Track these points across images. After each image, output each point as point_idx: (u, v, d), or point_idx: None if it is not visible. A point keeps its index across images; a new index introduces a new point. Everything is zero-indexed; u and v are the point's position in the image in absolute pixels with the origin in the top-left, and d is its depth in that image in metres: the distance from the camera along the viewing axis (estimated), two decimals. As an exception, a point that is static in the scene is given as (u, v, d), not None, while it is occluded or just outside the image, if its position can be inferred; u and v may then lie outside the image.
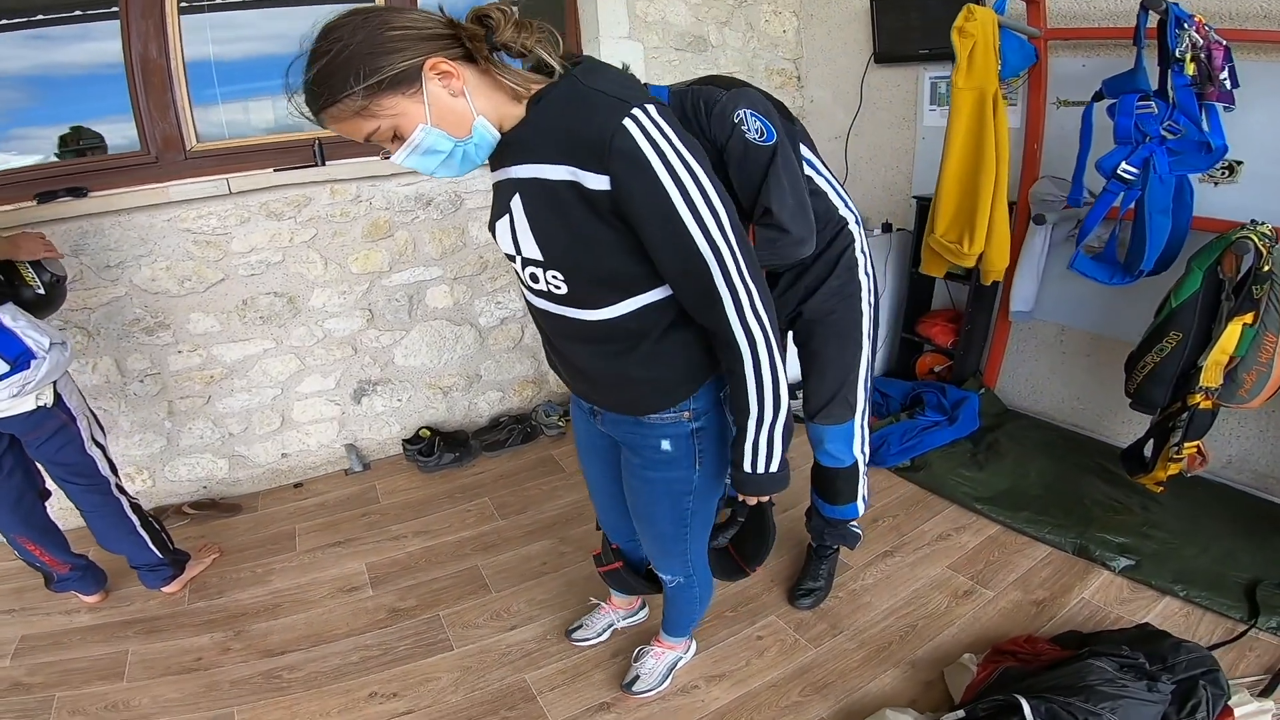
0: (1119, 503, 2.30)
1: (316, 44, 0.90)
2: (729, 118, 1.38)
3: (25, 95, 2.42)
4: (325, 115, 0.92)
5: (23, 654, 1.95)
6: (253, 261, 2.52)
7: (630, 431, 1.26)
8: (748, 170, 1.40)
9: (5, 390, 1.71)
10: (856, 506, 1.90)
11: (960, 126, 2.40)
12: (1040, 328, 2.86)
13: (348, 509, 2.60)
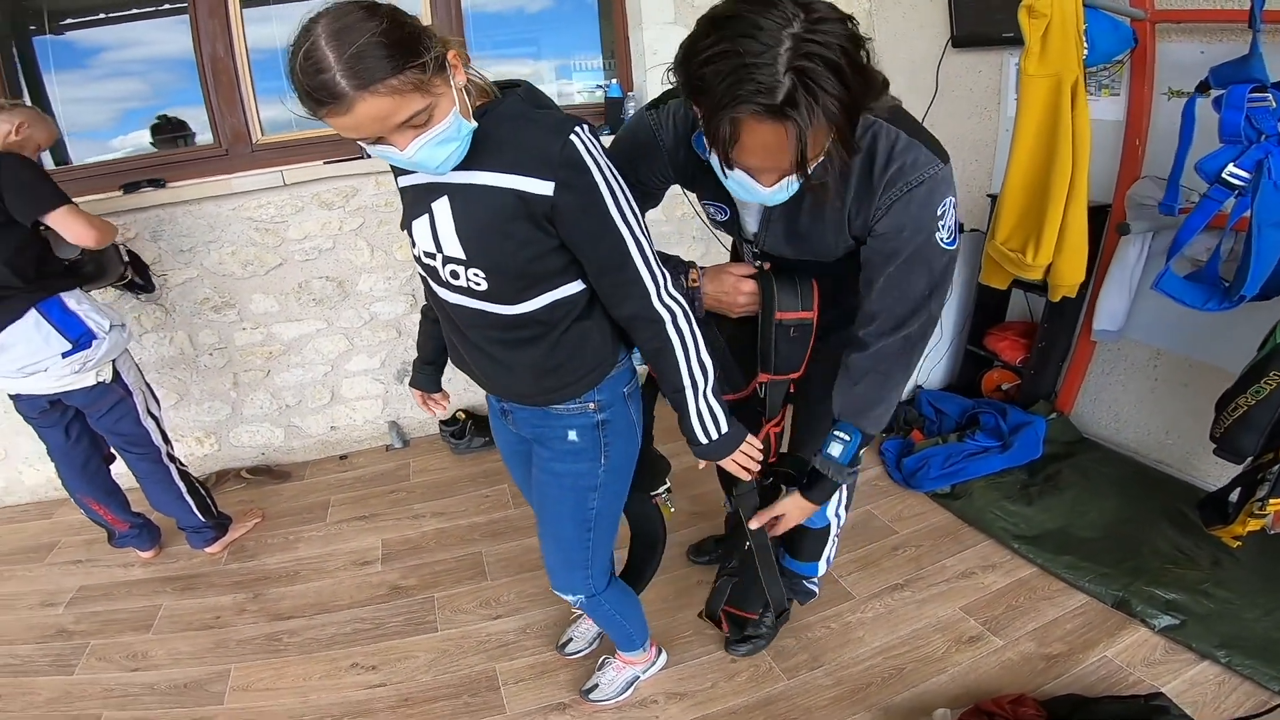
0: (1184, 555, 2.02)
1: (339, 24, 0.85)
2: (934, 204, 1.08)
3: (177, 77, 2.69)
4: (378, 87, 0.86)
5: (76, 603, 2.21)
6: (307, 248, 2.70)
7: (540, 425, 1.30)
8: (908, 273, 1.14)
9: (67, 367, 1.94)
10: (817, 566, 1.77)
11: (1030, 119, 2.16)
12: (1131, 350, 2.52)
13: (380, 484, 2.75)
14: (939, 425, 2.69)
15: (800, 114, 0.82)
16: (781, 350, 1.34)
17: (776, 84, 0.81)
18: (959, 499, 2.35)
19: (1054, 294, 2.32)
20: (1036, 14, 2.03)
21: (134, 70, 2.69)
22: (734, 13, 0.84)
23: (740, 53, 0.81)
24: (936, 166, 1.07)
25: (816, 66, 0.81)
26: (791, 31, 0.80)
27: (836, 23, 0.83)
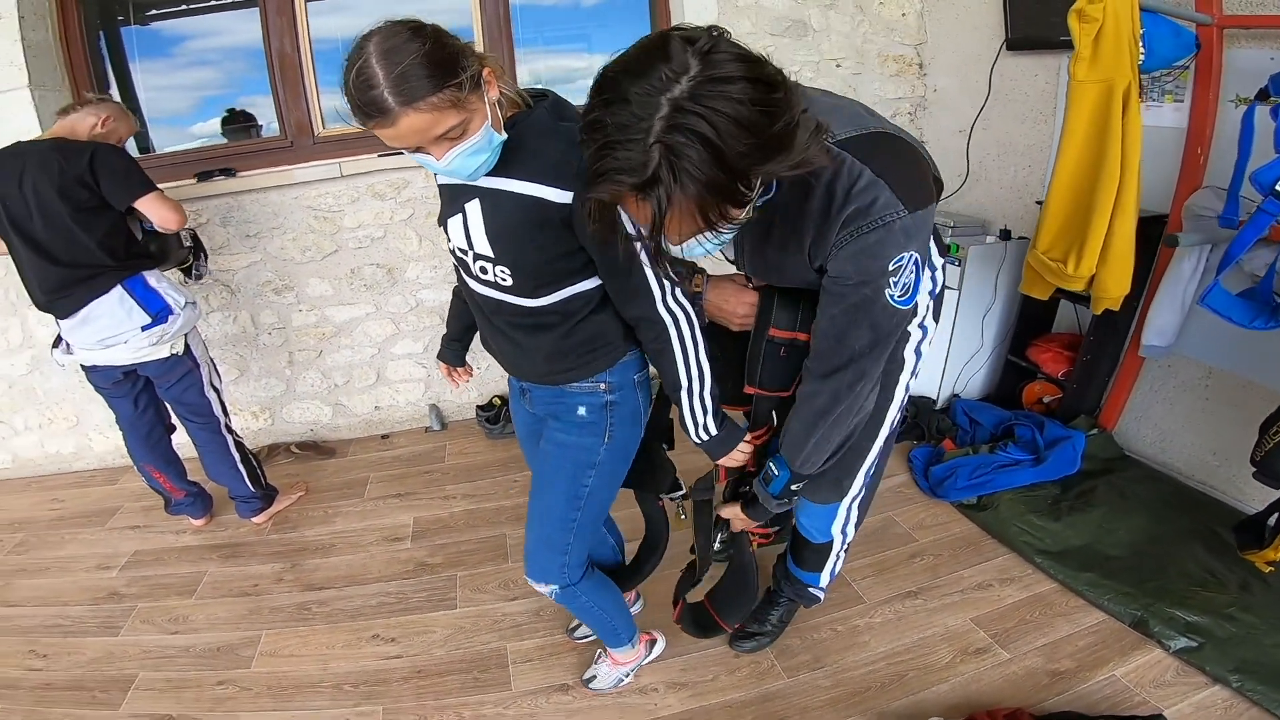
0: (1213, 577, 1.94)
1: (389, 44, 0.95)
2: (885, 255, 0.99)
3: (250, 66, 2.88)
4: (420, 104, 0.96)
5: (129, 567, 2.39)
6: (360, 236, 2.85)
7: (554, 402, 1.38)
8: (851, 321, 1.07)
9: (145, 339, 2.11)
10: (819, 577, 1.75)
11: (1077, 126, 2.10)
12: (1182, 367, 2.41)
13: (417, 464, 2.88)
14: (972, 435, 2.64)
15: (661, 192, 0.77)
16: (768, 366, 1.31)
17: (644, 160, 0.76)
18: (984, 510, 2.31)
19: (1096, 306, 2.25)
20: (1087, 18, 1.97)
21: (212, 59, 2.89)
22: (618, 71, 0.80)
23: (608, 125, 0.77)
24: (896, 213, 0.96)
25: (687, 142, 0.74)
26: (671, 96, 0.74)
27: (736, 84, 0.75)
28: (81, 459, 3.04)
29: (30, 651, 2.01)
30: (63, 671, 1.94)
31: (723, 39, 0.78)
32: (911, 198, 0.97)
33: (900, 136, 1.04)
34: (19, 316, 2.78)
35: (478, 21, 2.84)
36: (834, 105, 1.06)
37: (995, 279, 2.70)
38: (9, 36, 2.45)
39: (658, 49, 0.77)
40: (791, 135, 0.79)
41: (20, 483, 3.01)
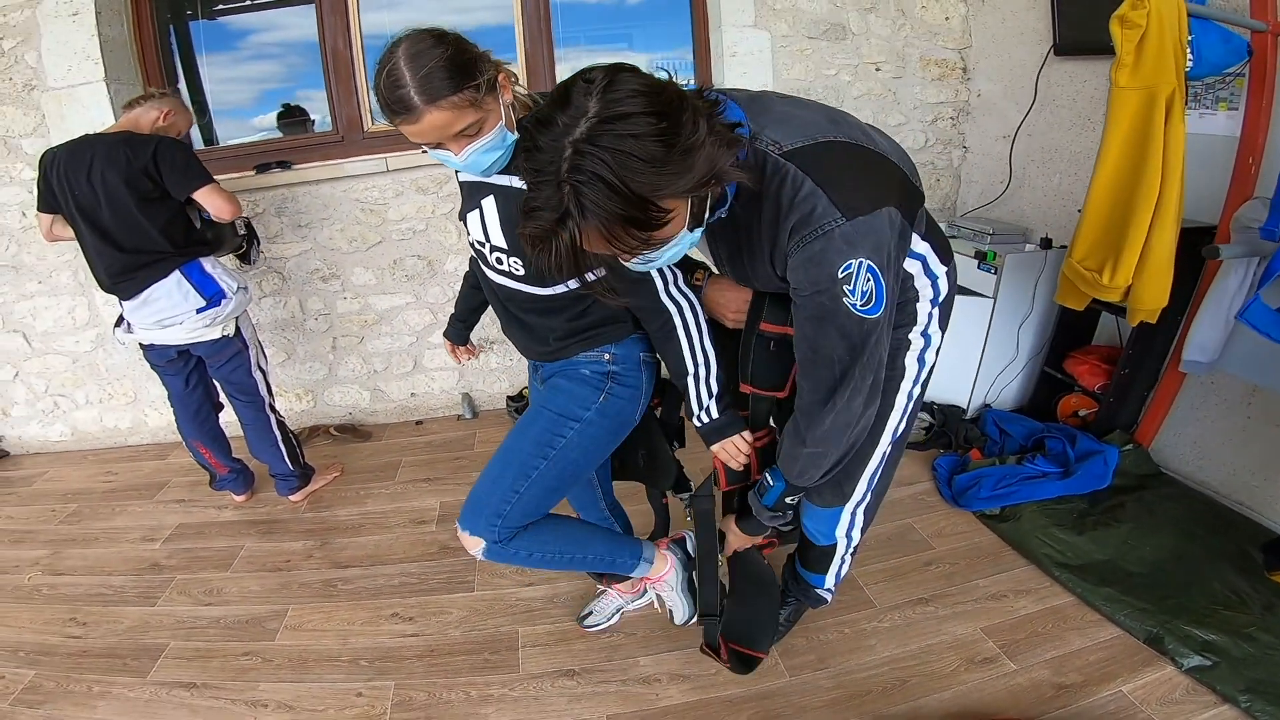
0: (1237, 597, 1.89)
1: (415, 49, 1.07)
2: (830, 263, 0.99)
3: (308, 60, 3.03)
4: (441, 103, 1.07)
5: (172, 539, 2.52)
6: (403, 228, 2.97)
7: (563, 365, 1.46)
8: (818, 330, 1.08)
9: (199, 321, 2.25)
10: (824, 579, 1.75)
11: (1117, 133, 2.06)
12: (1225, 384, 2.32)
13: (447, 451, 2.97)
14: (1001, 446, 2.59)
15: (571, 225, 0.84)
16: (758, 361, 1.31)
17: (558, 199, 0.84)
18: (1006, 521, 2.27)
19: (1132, 317, 2.19)
20: (1130, 24, 1.93)
21: (272, 53, 3.05)
22: (533, 122, 0.88)
23: (528, 170, 0.87)
24: (834, 221, 0.97)
25: (585, 180, 0.82)
26: (572, 139, 0.82)
27: (631, 119, 0.82)
28: (136, 434, 3.24)
29: (71, 620, 2.13)
30: (99, 639, 2.05)
31: (621, 75, 0.85)
32: (851, 205, 0.98)
33: (855, 144, 1.05)
34: (86, 296, 2.97)
35: (519, 19, 2.91)
36: (788, 115, 1.07)
37: (1034, 288, 2.64)
38: (86, 31, 2.62)
39: (560, 97, 0.86)
40: (690, 158, 0.85)
41: (78, 455, 3.22)
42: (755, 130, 1.03)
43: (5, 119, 2.74)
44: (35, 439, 3.26)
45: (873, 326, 1.05)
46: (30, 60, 2.67)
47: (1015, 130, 2.87)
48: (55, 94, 2.69)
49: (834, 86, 2.97)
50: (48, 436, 3.26)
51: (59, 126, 2.71)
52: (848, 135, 1.05)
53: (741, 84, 2.88)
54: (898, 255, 1.06)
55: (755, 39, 2.85)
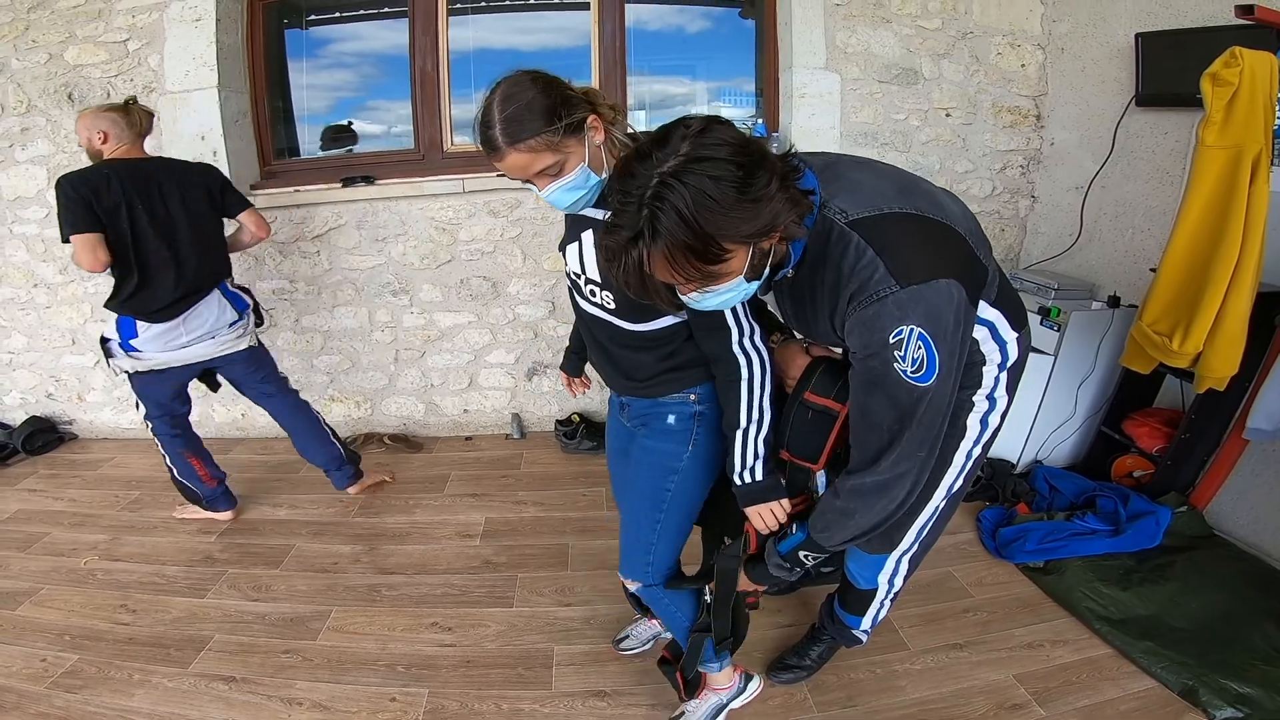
0: (1278, 652, 1.85)
1: (510, 90, 1.15)
2: (882, 328, 1.02)
3: (380, 71, 3.20)
4: (520, 145, 1.15)
5: (227, 534, 2.63)
6: (472, 249, 3.07)
7: (647, 410, 1.49)
8: (869, 396, 1.11)
9: (233, 333, 2.40)
10: (861, 620, 1.74)
11: (1200, 193, 2.02)
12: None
13: (495, 468, 3.04)
14: (1050, 502, 2.53)
15: (642, 245, 0.95)
16: (796, 429, 1.32)
17: (636, 220, 0.94)
18: (1050, 574, 2.23)
19: (1199, 385, 2.12)
20: (1221, 82, 1.91)
21: (348, 63, 3.21)
22: (631, 155, 0.99)
23: (619, 192, 0.98)
24: (889, 287, 1.01)
25: (663, 207, 0.92)
26: (661, 170, 0.93)
27: (713, 163, 0.92)
28: (202, 428, 3.29)
29: (122, 606, 2.22)
30: (146, 628, 2.12)
31: (717, 124, 0.96)
32: (906, 273, 1.01)
33: (921, 215, 1.08)
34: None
35: (595, 47, 3.01)
36: (858, 184, 1.11)
37: (1097, 347, 2.57)
38: (205, 38, 2.80)
39: (660, 137, 0.97)
40: (757, 207, 0.95)
41: (144, 444, 3.28)
42: (825, 198, 1.09)
43: None
44: (106, 425, 3.45)
45: (922, 395, 1.06)
46: (153, 63, 2.87)
47: (1089, 181, 2.81)
48: (171, 97, 2.88)
49: (902, 131, 2.97)
50: (118, 424, 3.44)
51: (171, 130, 2.90)
52: (915, 206, 1.08)
53: (809, 125, 2.92)
54: (957, 328, 1.06)
55: (825, 81, 2.87)
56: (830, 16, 2.82)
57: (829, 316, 1.13)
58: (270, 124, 3.15)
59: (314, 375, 3.28)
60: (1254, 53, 1.89)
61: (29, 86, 2.94)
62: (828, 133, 2.90)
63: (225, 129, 2.91)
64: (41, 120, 2.97)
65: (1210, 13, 2.39)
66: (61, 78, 2.92)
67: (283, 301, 3.17)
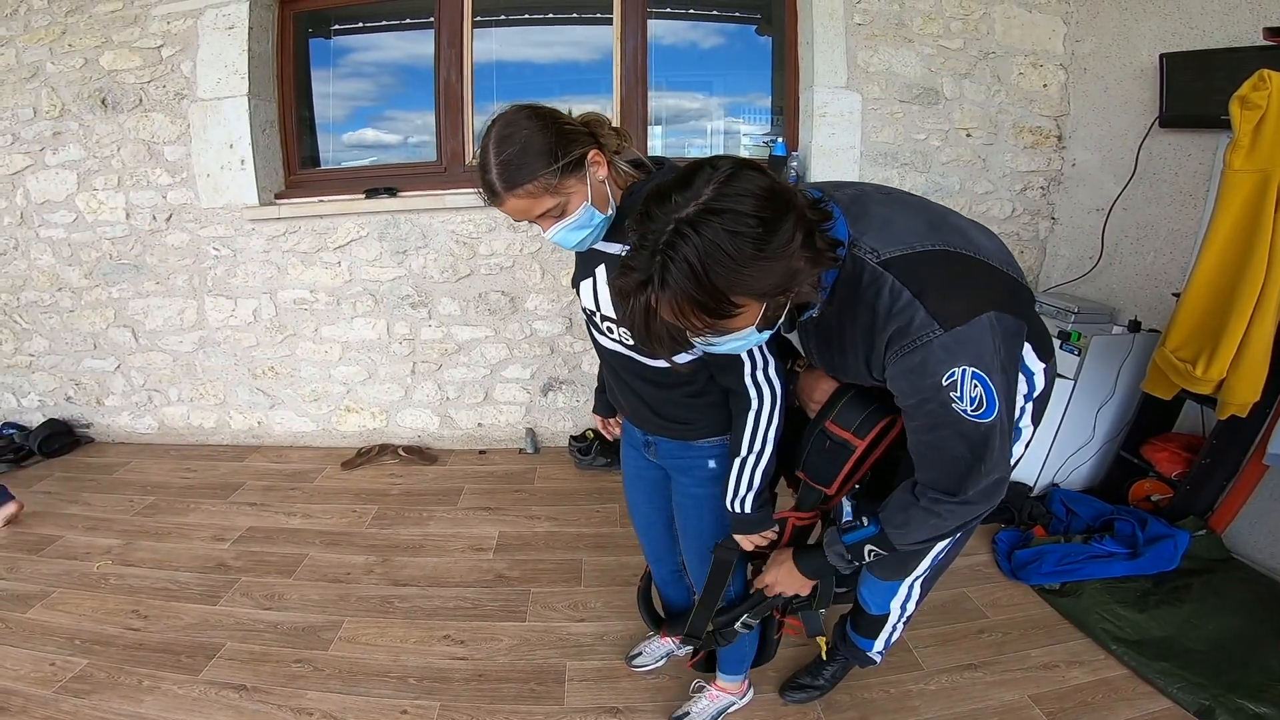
0: None
1: (504, 131, 1.11)
2: (933, 373, 1.01)
3: (398, 81, 3.24)
4: (518, 190, 1.11)
5: (241, 541, 2.63)
6: (491, 264, 3.09)
7: (680, 456, 1.46)
8: (936, 436, 1.09)
9: None
10: (873, 644, 1.73)
11: (1226, 219, 2.02)
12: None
13: (509, 482, 3.03)
14: (1067, 525, 2.52)
15: (649, 291, 0.92)
16: (812, 454, 1.32)
17: (649, 264, 0.91)
18: (1067, 596, 2.22)
19: (1222, 411, 2.10)
20: (1250, 105, 1.91)
21: (367, 72, 3.25)
22: (654, 192, 0.95)
23: (637, 232, 0.94)
24: (932, 332, 0.99)
25: (674, 257, 0.88)
26: (678, 216, 0.89)
27: (732, 215, 0.88)
28: (218, 434, 3.42)
29: (133, 612, 2.22)
30: (157, 634, 2.11)
31: (742, 173, 0.91)
32: (948, 316, 0.99)
33: (953, 250, 1.06)
34: (197, 300, 3.20)
35: (618, 64, 3.03)
36: (887, 220, 1.08)
37: (1117, 372, 2.55)
38: (238, 46, 2.85)
39: (684, 178, 0.93)
40: (772, 265, 0.91)
41: (160, 448, 3.41)
42: (854, 236, 1.06)
43: (153, 124, 2.99)
44: (123, 429, 3.48)
45: (990, 429, 1.04)
46: (185, 70, 2.92)
47: (1111, 203, 2.80)
48: (202, 105, 2.93)
49: (922, 151, 2.97)
50: (135, 428, 3.47)
51: (200, 137, 2.95)
52: (946, 242, 1.06)
53: (829, 144, 2.92)
54: (1007, 355, 1.05)
55: (846, 100, 2.89)
56: (852, 36, 2.84)
57: (863, 359, 1.11)
58: (296, 133, 3.19)
59: (331, 385, 3.30)
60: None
61: (63, 91, 3.00)
62: (848, 152, 2.91)
63: (254, 137, 2.95)
64: (74, 125, 3.03)
65: (1235, 33, 2.38)
66: (96, 82, 2.97)
67: (302, 311, 3.19)
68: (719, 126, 3.36)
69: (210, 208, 3.07)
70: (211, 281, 3.18)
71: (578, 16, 3.17)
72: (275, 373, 3.28)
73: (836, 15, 2.81)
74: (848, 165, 2.90)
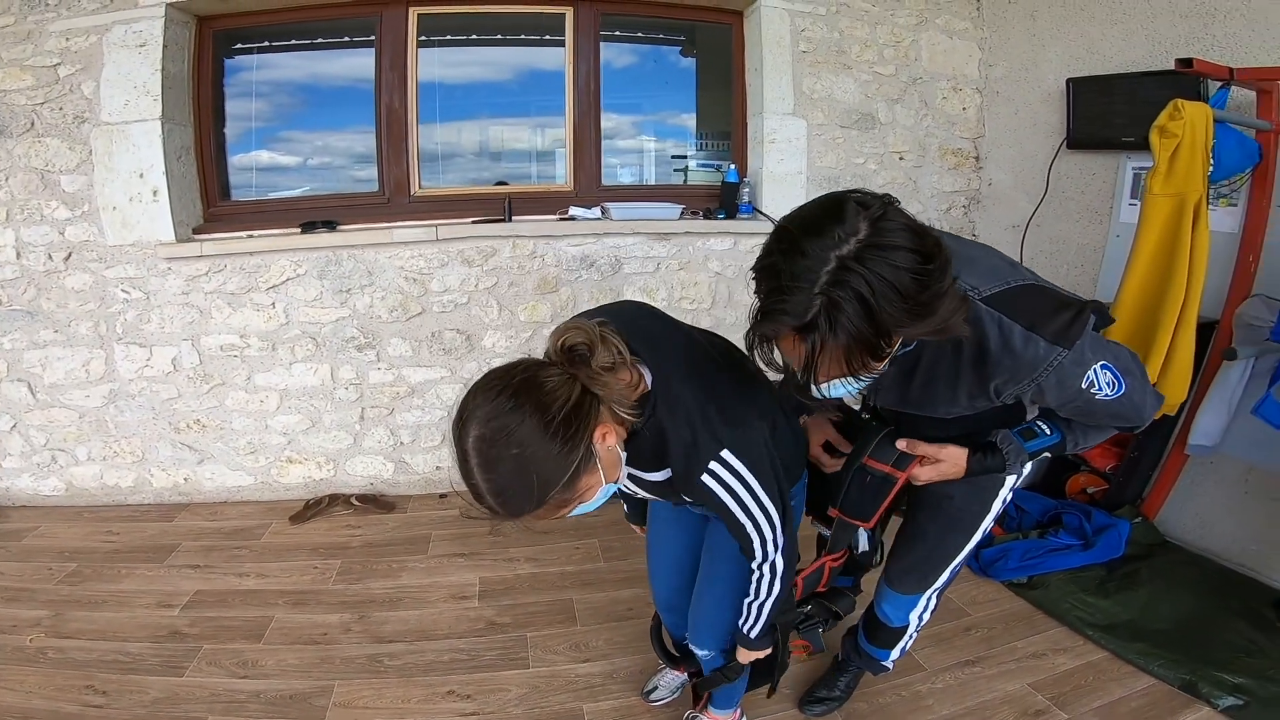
0: (1255, 645, 2.08)
1: (488, 450, 0.96)
2: (1071, 384, 1.10)
3: (297, 101, 3.05)
4: (525, 519, 1.02)
5: (192, 607, 2.40)
6: (445, 300, 2.97)
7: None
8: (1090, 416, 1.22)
9: None
10: (889, 654, 1.82)
11: (1149, 238, 2.19)
12: (1223, 463, 2.52)
13: (479, 525, 2.77)
14: (1019, 522, 2.73)
15: (815, 337, 0.86)
16: (853, 491, 1.37)
17: (806, 307, 0.85)
18: (1036, 589, 2.41)
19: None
20: (1168, 134, 2.08)
21: (263, 91, 3.05)
22: (797, 226, 0.90)
23: (782, 271, 0.87)
24: (1058, 355, 1.07)
25: (845, 297, 0.84)
26: (839, 254, 0.84)
27: (897, 251, 0.84)
28: (139, 493, 3.09)
29: (88, 687, 2.00)
30: (124, 710, 1.93)
31: (892, 208, 0.89)
32: (1065, 337, 1.07)
33: (1033, 284, 1.14)
34: (105, 349, 2.89)
35: (571, 86, 3.02)
36: (972, 259, 1.14)
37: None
38: (151, 65, 2.60)
39: (834, 210, 0.88)
40: (937, 304, 0.88)
41: (71, 511, 3.05)
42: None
43: (47, 151, 2.68)
44: (24, 491, 3.08)
45: (1128, 397, 1.16)
46: (87, 91, 2.64)
47: (1026, 221, 3.06)
48: (107, 129, 2.66)
49: (861, 175, 3.14)
50: (39, 490, 3.09)
51: (105, 165, 2.67)
52: (1023, 278, 1.14)
53: (779, 170, 3.04)
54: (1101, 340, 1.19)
55: (793, 126, 3.00)
56: (798, 63, 2.96)
57: (966, 389, 1.16)
58: (215, 161, 2.95)
59: (269, 436, 3.05)
60: (1193, 104, 2.07)
61: (-56, 112, 2.63)
62: (795, 178, 3.03)
63: (168, 165, 2.70)
64: (-44, 150, 2.66)
65: (1133, 58, 2.66)
66: (-22, 104, 2.63)
67: (231, 358, 2.95)
68: (636, 145, 3.42)
69: (118, 245, 2.78)
70: (121, 328, 2.88)
71: (526, 38, 3.13)
72: (202, 426, 3.00)
73: (784, 43, 2.93)
74: (796, 190, 3.02)
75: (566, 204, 3.07)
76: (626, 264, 3.06)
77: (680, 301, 3.13)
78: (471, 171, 3.27)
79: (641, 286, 3.09)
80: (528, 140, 3.35)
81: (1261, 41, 2.35)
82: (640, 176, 3.44)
